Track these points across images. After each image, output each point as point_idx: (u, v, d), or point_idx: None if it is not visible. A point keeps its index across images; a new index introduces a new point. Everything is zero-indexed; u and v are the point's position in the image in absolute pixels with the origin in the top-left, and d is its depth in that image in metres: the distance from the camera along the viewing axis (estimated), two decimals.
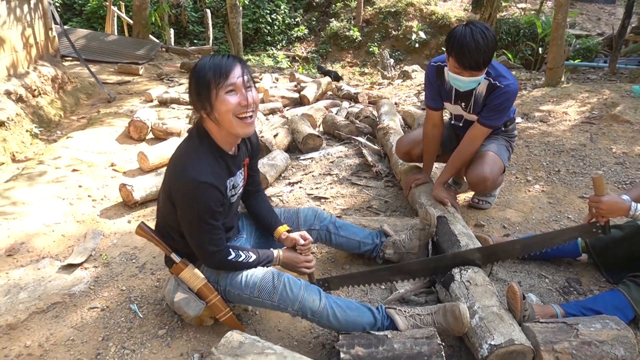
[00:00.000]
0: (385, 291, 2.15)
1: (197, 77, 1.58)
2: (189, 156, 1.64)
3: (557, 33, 5.16)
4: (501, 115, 2.32)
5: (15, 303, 2.07)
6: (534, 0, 13.59)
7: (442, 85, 2.43)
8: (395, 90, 6.34)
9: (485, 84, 2.28)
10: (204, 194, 1.59)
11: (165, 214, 1.78)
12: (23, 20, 4.88)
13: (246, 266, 1.78)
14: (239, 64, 1.59)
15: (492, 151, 2.44)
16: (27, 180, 3.16)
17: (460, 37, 2.08)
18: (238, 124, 1.61)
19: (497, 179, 2.47)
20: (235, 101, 1.58)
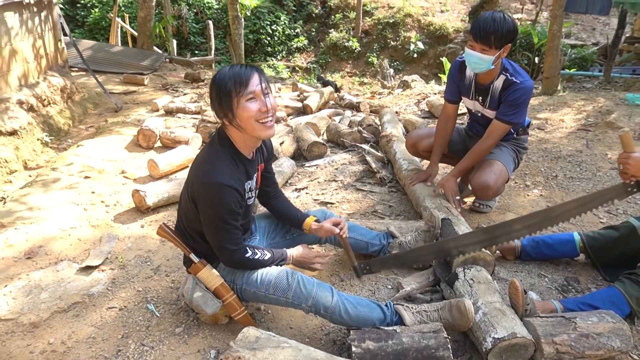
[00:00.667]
0: (392, 291, 2.24)
1: (219, 87, 1.69)
2: (211, 161, 1.75)
3: (552, 43, 5.31)
4: (518, 111, 2.40)
5: (37, 303, 2.15)
6: (529, 11, 13.83)
7: (463, 80, 2.58)
8: (395, 100, 6.48)
9: (502, 79, 2.41)
10: (225, 195, 1.69)
11: (187, 215, 1.88)
12: (34, 32, 5.01)
13: (262, 264, 1.88)
14: (256, 73, 1.71)
15: (500, 161, 2.54)
16: (42, 187, 3.26)
17: (481, 15, 2.28)
18: (260, 128, 1.72)
19: (500, 188, 2.56)
20: (256, 108, 1.69)
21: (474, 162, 2.57)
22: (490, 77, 2.45)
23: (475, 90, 2.55)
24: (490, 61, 2.31)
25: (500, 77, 2.42)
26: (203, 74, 7.59)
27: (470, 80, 2.55)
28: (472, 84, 2.55)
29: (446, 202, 2.59)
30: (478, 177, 2.52)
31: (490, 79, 2.45)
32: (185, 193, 1.86)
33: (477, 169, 2.57)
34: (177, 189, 3.09)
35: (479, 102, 2.57)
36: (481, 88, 2.50)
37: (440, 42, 13.03)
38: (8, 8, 4.50)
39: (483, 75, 2.46)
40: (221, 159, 1.75)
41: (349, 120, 4.76)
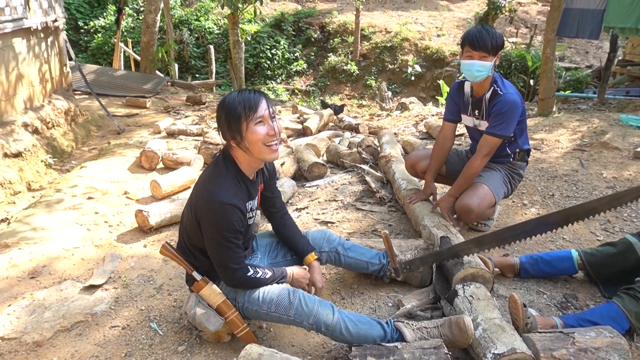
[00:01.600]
0: (393, 308, 2.26)
1: (228, 111, 1.76)
2: (215, 180, 1.81)
3: (546, 66, 5.45)
4: (503, 122, 2.46)
5: (40, 322, 2.17)
6: (524, 35, 14.14)
7: (462, 98, 2.70)
8: (394, 121, 6.58)
9: (491, 90, 2.53)
10: (228, 214, 1.74)
11: (189, 232, 1.93)
12: (41, 57, 5.13)
13: (263, 283, 1.91)
14: (264, 99, 1.79)
15: (486, 185, 2.60)
16: (46, 207, 3.30)
17: (472, 28, 2.46)
18: (267, 151, 1.80)
19: (484, 212, 2.61)
20: (264, 131, 1.77)
21: (469, 179, 2.62)
22: (483, 88, 2.57)
23: (471, 105, 2.67)
24: (490, 67, 2.44)
25: (491, 89, 2.55)
26: (204, 96, 7.72)
27: (468, 96, 2.67)
28: (469, 100, 2.67)
29: (445, 221, 2.64)
30: (461, 200, 2.58)
31: (484, 91, 2.57)
32: (188, 211, 1.91)
33: (463, 192, 2.62)
34: (179, 209, 3.13)
35: (475, 117, 2.67)
36: (476, 101, 2.62)
37: (437, 65, 13.28)
38: (16, 34, 4.63)
39: (478, 88, 2.59)
40: (225, 179, 1.80)
41: (349, 142, 4.83)
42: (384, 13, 15.92)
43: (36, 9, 5.08)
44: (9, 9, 4.48)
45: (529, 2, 15.86)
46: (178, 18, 14.23)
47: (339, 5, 16.62)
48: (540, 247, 2.73)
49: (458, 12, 16.03)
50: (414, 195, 2.91)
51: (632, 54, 8.31)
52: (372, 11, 15.96)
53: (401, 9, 16.43)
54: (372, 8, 16.28)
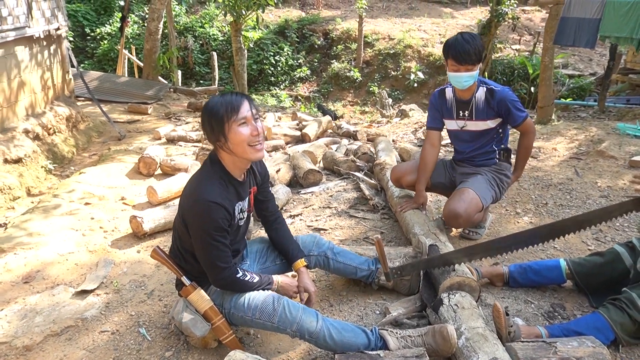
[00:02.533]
0: (380, 316, 2.27)
1: (210, 114, 1.80)
2: (200, 181, 1.86)
3: (545, 74, 5.46)
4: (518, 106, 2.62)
5: (31, 326, 2.20)
6: (527, 42, 14.15)
7: (444, 105, 2.78)
8: (393, 128, 6.60)
9: (482, 91, 2.63)
10: (212, 212, 1.78)
11: (180, 236, 1.96)
12: (43, 64, 5.22)
13: (250, 286, 1.93)
14: (246, 100, 1.84)
15: (472, 189, 2.62)
16: (43, 213, 3.34)
17: (453, 41, 2.52)
18: (251, 151, 1.84)
19: (472, 217, 2.63)
20: (248, 132, 1.81)
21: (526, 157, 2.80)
22: (470, 91, 2.66)
23: (457, 108, 2.74)
24: (476, 75, 2.57)
25: (481, 89, 2.64)
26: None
27: (452, 101, 2.75)
28: (453, 104, 2.75)
29: (435, 229, 2.64)
30: (448, 205, 2.61)
31: (471, 93, 2.66)
32: (178, 215, 1.94)
33: (450, 198, 2.67)
34: (173, 214, 3.13)
35: (462, 118, 2.74)
36: (463, 102, 2.70)
37: (440, 72, 13.30)
38: (19, 42, 4.72)
39: (463, 92, 2.67)
40: (210, 179, 1.85)
41: (345, 149, 4.86)
42: (387, 20, 16.00)
43: (39, 18, 5.17)
44: (11, 17, 4.57)
45: (533, 9, 15.88)
46: (183, 25, 14.38)
47: (343, 13, 16.73)
48: (531, 256, 2.73)
49: (461, 19, 16.08)
50: (405, 204, 2.93)
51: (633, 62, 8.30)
52: (376, 18, 16.04)
53: (405, 16, 16.51)
54: (375, 15, 16.36)
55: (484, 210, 2.83)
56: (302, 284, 2.11)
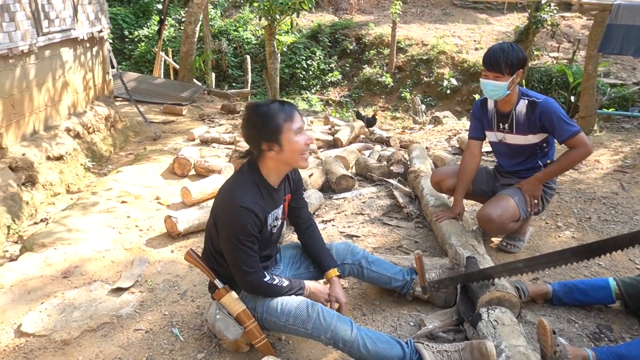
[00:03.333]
0: (414, 328, 2.21)
1: (266, 119, 1.80)
2: (234, 185, 1.87)
3: (588, 83, 5.26)
4: (567, 121, 2.43)
5: (69, 321, 2.25)
6: (566, 50, 13.73)
7: (485, 115, 2.70)
8: (426, 135, 6.50)
9: (523, 104, 2.52)
10: (242, 216, 1.78)
11: (212, 239, 1.96)
12: (85, 65, 5.39)
13: (279, 291, 1.91)
14: (297, 110, 1.86)
15: (512, 197, 2.54)
16: (82, 210, 3.43)
17: (490, 47, 2.47)
18: (301, 159, 1.86)
19: (506, 224, 2.55)
20: (303, 141, 1.83)
21: (562, 168, 2.57)
22: (509, 103, 2.56)
23: (497, 120, 2.65)
24: (505, 87, 2.44)
25: (522, 102, 2.53)
26: (238, 105, 7.87)
27: (492, 112, 2.66)
28: (494, 115, 2.66)
29: (472, 240, 2.57)
30: (483, 209, 2.55)
31: (511, 105, 2.56)
32: (211, 217, 1.95)
33: (487, 202, 2.61)
34: (207, 216, 3.15)
35: (502, 131, 2.64)
36: (503, 115, 2.61)
37: (473, 79, 13.04)
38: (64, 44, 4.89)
39: (503, 104, 2.57)
40: (245, 185, 1.85)
41: (378, 155, 4.80)
42: (421, 26, 15.83)
43: (83, 20, 5.35)
44: (58, 20, 4.74)
45: (573, 15, 15.39)
46: (217, 28, 14.63)
47: (376, 18, 16.66)
48: (574, 273, 2.62)
49: (497, 25, 15.75)
50: (440, 213, 2.86)
51: None
52: (409, 24, 15.90)
53: (439, 22, 16.30)
54: (409, 21, 16.22)
55: (523, 222, 2.74)
56: (334, 293, 2.08)
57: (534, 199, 2.59)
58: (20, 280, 2.60)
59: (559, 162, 2.54)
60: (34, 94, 4.44)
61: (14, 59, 4.09)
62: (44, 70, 4.61)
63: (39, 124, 4.52)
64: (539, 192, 2.59)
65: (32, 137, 4.36)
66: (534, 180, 2.58)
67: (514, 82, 2.46)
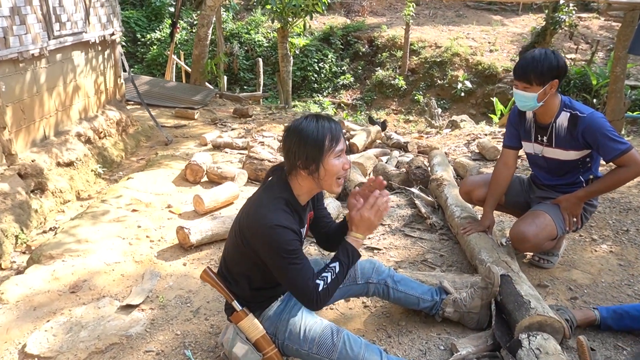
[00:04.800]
0: (445, 352, 2.05)
1: (311, 140, 1.63)
2: (269, 205, 1.69)
3: (615, 85, 5.04)
4: (615, 138, 2.19)
5: (76, 342, 2.12)
6: (584, 51, 13.42)
7: (523, 124, 2.51)
8: (444, 140, 6.31)
9: (566, 116, 2.31)
10: (283, 236, 1.62)
11: (234, 257, 1.82)
12: (97, 69, 5.30)
13: (341, 278, 1.72)
14: (342, 131, 1.71)
15: (549, 215, 2.35)
16: (91, 219, 3.31)
17: (526, 53, 2.27)
18: (335, 184, 1.71)
19: (542, 244, 2.36)
20: (341, 165, 1.68)
21: (606, 188, 2.34)
22: (549, 115, 2.35)
23: (535, 131, 2.45)
24: (535, 98, 2.25)
25: (563, 114, 2.31)
26: (251, 109, 7.75)
27: (531, 122, 2.47)
28: (532, 126, 2.46)
29: (505, 256, 2.39)
30: (517, 227, 2.36)
31: (550, 117, 2.35)
32: (235, 235, 1.78)
33: (521, 218, 2.42)
34: (220, 227, 3.05)
35: (540, 143, 2.45)
36: (542, 127, 2.41)
37: (488, 81, 12.81)
38: (76, 47, 4.80)
39: (542, 115, 2.38)
40: (277, 203, 1.69)
41: (397, 161, 4.64)
42: (434, 28, 15.62)
43: (95, 24, 5.26)
44: (70, 23, 4.66)
45: (591, 16, 15.08)
46: (229, 31, 14.58)
47: (388, 20, 16.49)
48: (615, 292, 2.42)
49: (512, 27, 15.48)
50: (468, 226, 2.68)
51: None
52: (422, 26, 15.70)
53: (452, 23, 16.08)
54: (422, 23, 16.03)
55: (558, 239, 2.55)
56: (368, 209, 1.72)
57: (572, 218, 2.39)
58: (27, 295, 2.48)
59: (604, 181, 2.31)
60: (45, 99, 4.35)
61: (24, 62, 4.00)
62: (55, 74, 4.52)
63: (49, 129, 4.43)
64: (579, 210, 2.39)
65: (42, 143, 4.27)
66: (574, 198, 2.36)
67: (547, 92, 2.24)
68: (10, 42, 3.75)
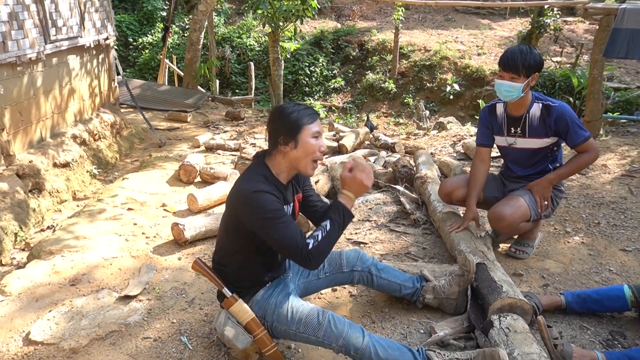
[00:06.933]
0: (424, 335, 2.20)
1: (290, 115, 1.80)
2: (248, 178, 1.84)
3: (593, 87, 5.25)
4: (579, 124, 2.46)
5: (77, 329, 2.24)
6: (569, 54, 13.72)
7: (495, 121, 2.70)
8: (431, 141, 6.49)
9: (538, 107, 2.52)
10: (265, 198, 1.75)
11: (225, 243, 1.96)
12: (92, 72, 5.42)
13: (333, 236, 1.81)
14: (319, 118, 1.87)
15: (521, 197, 2.57)
16: (89, 217, 3.43)
17: (509, 48, 2.47)
18: (310, 166, 1.85)
19: (516, 223, 2.56)
20: (317, 145, 1.82)
21: (573, 170, 2.59)
22: (522, 107, 2.55)
23: (508, 124, 2.64)
24: (520, 88, 2.43)
25: (535, 105, 2.53)
26: (243, 112, 7.89)
27: (502, 117, 2.65)
28: (504, 120, 2.65)
29: (482, 247, 2.55)
30: (494, 208, 2.58)
31: (524, 109, 2.55)
32: (229, 217, 1.92)
33: (499, 202, 2.62)
34: (214, 223, 3.19)
35: (512, 135, 2.63)
36: (514, 119, 2.60)
37: (476, 84, 13.05)
38: (71, 51, 4.92)
39: (516, 107, 2.57)
40: (255, 176, 1.84)
41: (384, 161, 4.80)
42: (423, 31, 15.87)
43: (90, 28, 5.38)
44: (65, 28, 4.77)
45: (576, 20, 15.41)
46: (221, 35, 14.70)
47: (379, 24, 16.71)
48: (584, 279, 2.60)
49: (500, 30, 15.77)
50: (454, 224, 2.81)
51: None
52: (412, 30, 15.94)
53: (441, 27, 16.34)
54: (411, 27, 16.27)
55: (533, 225, 2.72)
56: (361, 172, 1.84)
57: (544, 200, 2.59)
58: (28, 287, 2.60)
59: (570, 165, 2.55)
60: (41, 102, 4.46)
61: (22, 66, 4.11)
62: (51, 78, 4.64)
63: (46, 131, 4.54)
64: (548, 193, 2.59)
65: (39, 145, 4.37)
66: (544, 181, 2.58)
67: (529, 84, 2.45)
68: (8, 46, 3.86)
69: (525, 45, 2.46)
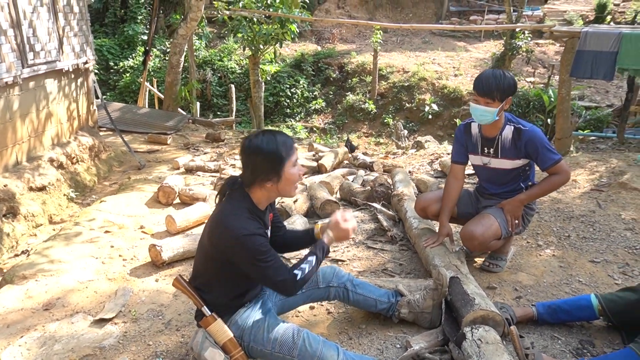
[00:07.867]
0: (400, 350, 2.22)
1: (270, 153, 1.83)
2: (237, 216, 1.85)
3: (562, 106, 5.46)
4: (550, 149, 2.53)
5: (50, 354, 2.20)
6: (541, 74, 14.22)
7: (469, 140, 2.76)
8: (409, 160, 6.61)
9: (510, 129, 2.59)
10: (255, 242, 1.79)
11: (206, 269, 1.96)
12: (70, 96, 5.41)
13: (314, 270, 1.94)
14: (294, 143, 1.93)
15: (494, 216, 2.63)
16: (64, 240, 3.39)
17: (482, 73, 2.53)
18: (293, 189, 1.93)
19: (488, 241, 2.63)
20: (298, 173, 1.89)
21: (544, 191, 2.66)
22: (496, 128, 2.62)
23: (482, 144, 2.71)
24: (495, 113, 2.50)
25: (507, 128, 2.60)
26: (223, 134, 7.92)
27: (477, 137, 2.72)
28: (478, 140, 2.71)
29: (455, 261, 2.61)
30: (466, 227, 2.63)
31: (497, 131, 2.62)
32: (208, 248, 1.91)
33: (470, 220, 2.68)
34: (192, 244, 3.18)
35: (487, 155, 2.71)
36: (488, 140, 2.67)
37: (454, 104, 13.40)
38: (49, 75, 4.91)
39: (489, 129, 2.64)
40: (243, 213, 1.86)
41: (362, 180, 4.87)
42: (401, 53, 16.29)
43: (69, 52, 5.40)
44: (43, 52, 4.78)
45: (547, 42, 16.03)
46: (202, 58, 14.83)
47: (358, 47, 17.10)
48: (555, 290, 2.67)
49: (475, 52, 16.29)
50: (429, 240, 2.86)
51: None
52: (390, 52, 16.35)
53: (419, 49, 16.80)
54: (390, 49, 16.69)
55: (504, 241, 2.80)
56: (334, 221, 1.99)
57: (514, 219, 2.66)
58: (0, 314, 2.54)
59: (541, 186, 2.63)
60: (17, 125, 4.43)
61: None
62: (28, 102, 4.62)
63: (22, 155, 4.50)
64: (519, 212, 2.66)
65: (14, 168, 4.32)
66: (515, 201, 2.65)
67: (503, 108, 2.52)
68: None
69: (499, 70, 2.51)
